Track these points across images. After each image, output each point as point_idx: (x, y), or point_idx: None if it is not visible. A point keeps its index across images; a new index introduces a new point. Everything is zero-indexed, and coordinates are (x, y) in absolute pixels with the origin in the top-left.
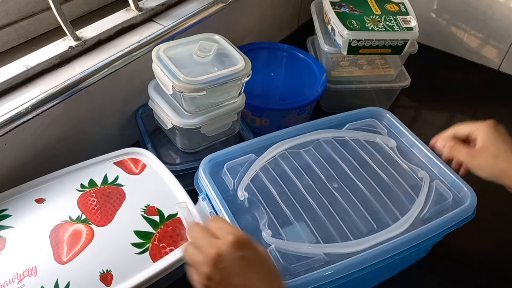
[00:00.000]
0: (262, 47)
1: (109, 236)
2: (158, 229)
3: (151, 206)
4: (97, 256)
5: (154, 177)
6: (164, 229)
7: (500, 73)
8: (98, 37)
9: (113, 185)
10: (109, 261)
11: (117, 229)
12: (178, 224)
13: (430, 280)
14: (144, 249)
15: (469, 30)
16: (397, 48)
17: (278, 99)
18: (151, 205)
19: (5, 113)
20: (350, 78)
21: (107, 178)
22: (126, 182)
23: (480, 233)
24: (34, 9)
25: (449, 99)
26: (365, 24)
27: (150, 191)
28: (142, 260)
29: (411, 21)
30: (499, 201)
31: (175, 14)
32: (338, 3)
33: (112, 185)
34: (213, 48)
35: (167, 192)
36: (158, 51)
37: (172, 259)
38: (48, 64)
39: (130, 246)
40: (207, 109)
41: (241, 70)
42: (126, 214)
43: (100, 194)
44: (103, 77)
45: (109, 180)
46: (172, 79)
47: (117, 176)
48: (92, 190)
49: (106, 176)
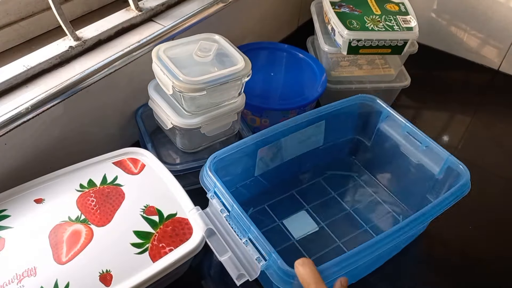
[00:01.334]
0: (262, 47)
1: (108, 236)
2: (158, 229)
3: (151, 206)
4: (97, 256)
5: (153, 177)
6: (163, 229)
7: (500, 73)
8: (98, 37)
9: (112, 185)
10: (108, 261)
11: (116, 229)
12: (178, 224)
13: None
14: (144, 249)
15: (469, 30)
16: (397, 48)
17: (278, 99)
18: (150, 205)
19: (5, 113)
20: (350, 78)
21: (106, 178)
22: (125, 182)
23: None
24: (34, 9)
25: (449, 99)
26: (365, 24)
27: (149, 191)
28: (142, 260)
29: (411, 21)
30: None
31: (175, 14)
32: (338, 3)
33: (111, 185)
34: (213, 48)
35: (166, 192)
36: (158, 51)
37: (171, 259)
38: (48, 64)
39: (129, 246)
40: (207, 109)
41: (241, 70)
42: (126, 214)
43: (99, 194)
44: (103, 77)
45: (108, 180)
46: (172, 79)
47: (116, 176)
48: (91, 190)
49: (105, 176)
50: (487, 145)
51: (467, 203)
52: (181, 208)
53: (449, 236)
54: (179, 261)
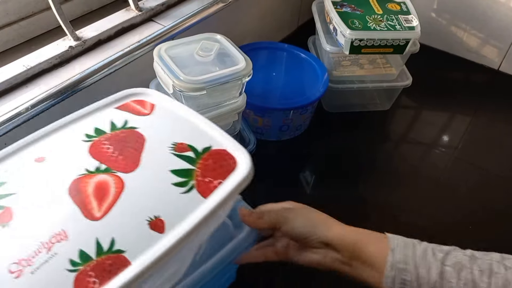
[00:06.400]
0: (264, 47)
1: (143, 181)
2: (197, 164)
3: (180, 143)
4: (137, 204)
5: (169, 114)
6: (204, 164)
7: (500, 73)
8: (98, 37)
9: (125, 129)
10: (153, 207)
11: (149, 173)
12: (217, 155)
13: None
14: (190, 187)
15: (469, 30)
16: (399, 48)
17: (280, 99)
18: (179, 143)
19: (5, 113)
20: (351, 78)
21: (114, 124)
22: (139, 124)
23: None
24: (34, 9)
25: (449, 99)
26: (367, 23)
27: (171, 129)
28: (192, 199)
29: (413, 21)
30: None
31: (175, 14)
32: (339, 3)
33: (125, 129)
34: (215, 47)
35: (191, 127)
36: (159, 50)
37: (225, 192)
38: (48, 64)
39: (172, 187)
40: (207, 109)
41: (241, 70)
42: (154, 155)
43: (114, 140)
44: (103, 77)
45: (118, 126)
46: (172, 78)
47: (126, 120)
48: (102, 137)
49: (113, 122)
50: (487, 145)
51: (467, 203)
52: (214, 139)
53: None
54: (234, 192)
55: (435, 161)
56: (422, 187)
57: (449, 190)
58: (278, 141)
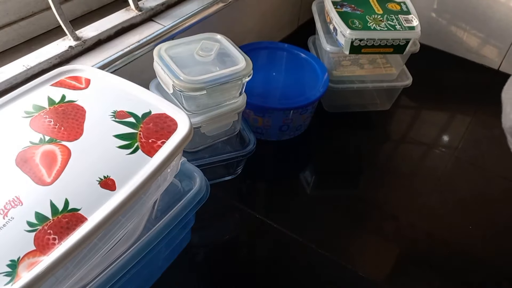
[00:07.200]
0: (264, 47)
1: (89, 147)
2: (139, 128)
3: (120, 111)
4: (86, 167)
5: (105, 86)
6: (145, 127)
7: (500, 73)
8: (98, 37)
9: (64, 103)
10: (102, 168)
11: (93, 139)
12: (157, 119)
13: None
14: (134, 148)
15: (469, 30)
16: (399, 47)
17: (280, 99)
18: (118, 110)
19: None
20: (351, 78)
21: (52, 99)
22: (77, 97)
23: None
24: (34, 9)
25: (449, 99)
26: (367, 23)
27: (109, 99)
28: (138, 158)
29: (413, 21)
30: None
31: (175, 14)
32: (340, 3)
33: (63, 103)
34: (215, 47)
35: (128, 95)
36: (159, 50)
37: (168, 150)
38: (48, 64)
39: (117, 149)
40: (207, 109)
41: (241, 70)
42: (96, 124)
43: (53, 114)
44: None
45: (56, 100)
46: (172, 78)
47: (63, 95)
48: (41, 112)
49: (51, 98)
50: (487, 145)
51: (467, 203)
52: (153, 105)
53: (449, 236)
54: (177, 149)
55: (435, 161)
56: (422, 187)
57: (449, 190)
58: (278, 141)
